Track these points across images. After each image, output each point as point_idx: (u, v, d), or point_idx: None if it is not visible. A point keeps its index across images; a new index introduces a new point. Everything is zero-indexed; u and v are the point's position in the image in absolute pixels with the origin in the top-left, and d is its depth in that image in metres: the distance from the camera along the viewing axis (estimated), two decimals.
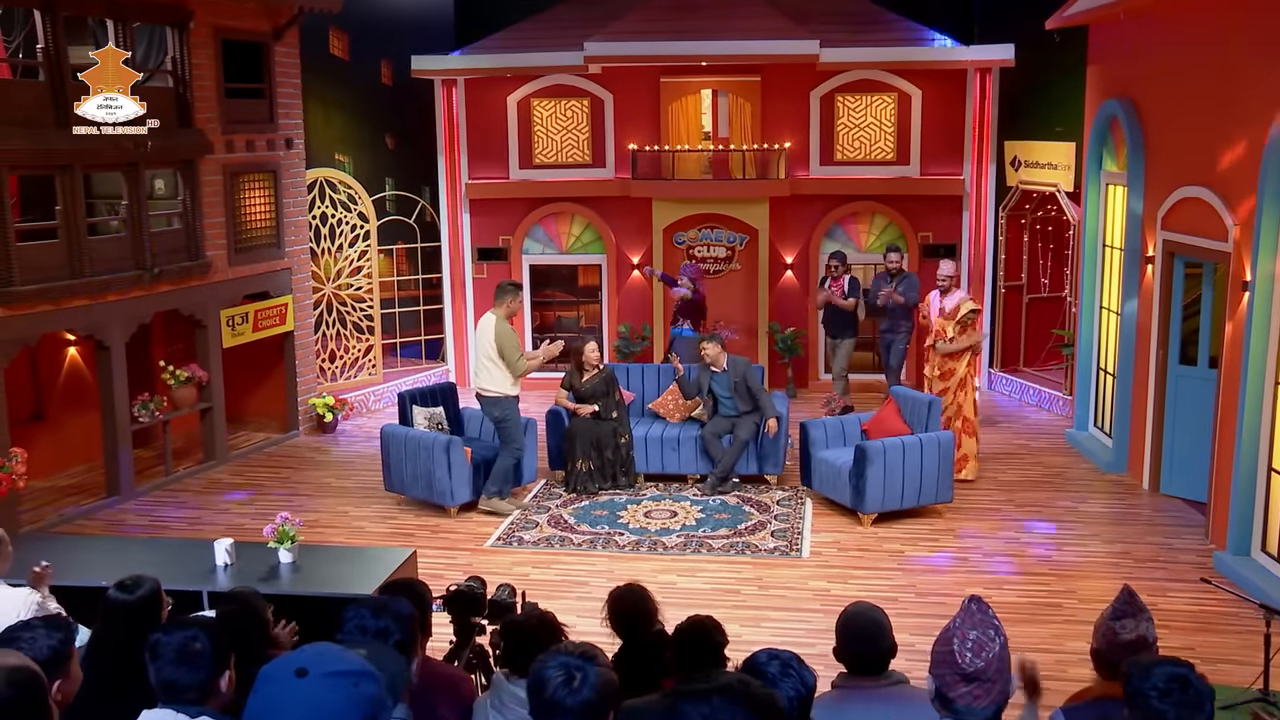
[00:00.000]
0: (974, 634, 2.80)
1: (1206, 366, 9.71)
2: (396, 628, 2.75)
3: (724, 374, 10.36)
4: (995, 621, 2.86)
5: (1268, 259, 8.06)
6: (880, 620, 3.75)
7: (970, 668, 2.75)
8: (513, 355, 9.61)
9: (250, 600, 4.14)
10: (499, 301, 9.81)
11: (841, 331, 12.63)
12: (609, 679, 2.67)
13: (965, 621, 2.84)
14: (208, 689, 2.82)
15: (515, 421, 9.78)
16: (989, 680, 2.76)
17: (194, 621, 2.87)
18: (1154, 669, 2.91)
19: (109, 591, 4.23)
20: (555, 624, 4.01)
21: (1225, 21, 8.80)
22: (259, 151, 11.67)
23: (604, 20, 13.75)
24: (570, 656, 2.68)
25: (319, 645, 2.11)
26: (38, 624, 3.24)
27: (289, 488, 10.76)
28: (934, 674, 2.86)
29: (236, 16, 11.24)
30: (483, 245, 14.50)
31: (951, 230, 13.86)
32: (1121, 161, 10.81)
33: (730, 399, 10.33)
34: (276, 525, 6.00)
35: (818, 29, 13.26)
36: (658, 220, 13.96)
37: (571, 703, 2.60)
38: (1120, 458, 10.69)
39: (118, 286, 10.10)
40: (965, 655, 2.77)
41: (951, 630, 2.85)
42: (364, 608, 2.78)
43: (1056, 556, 8.81)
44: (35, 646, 3.13)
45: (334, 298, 13.35)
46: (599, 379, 10.39)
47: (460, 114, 14.19)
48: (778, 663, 2.65)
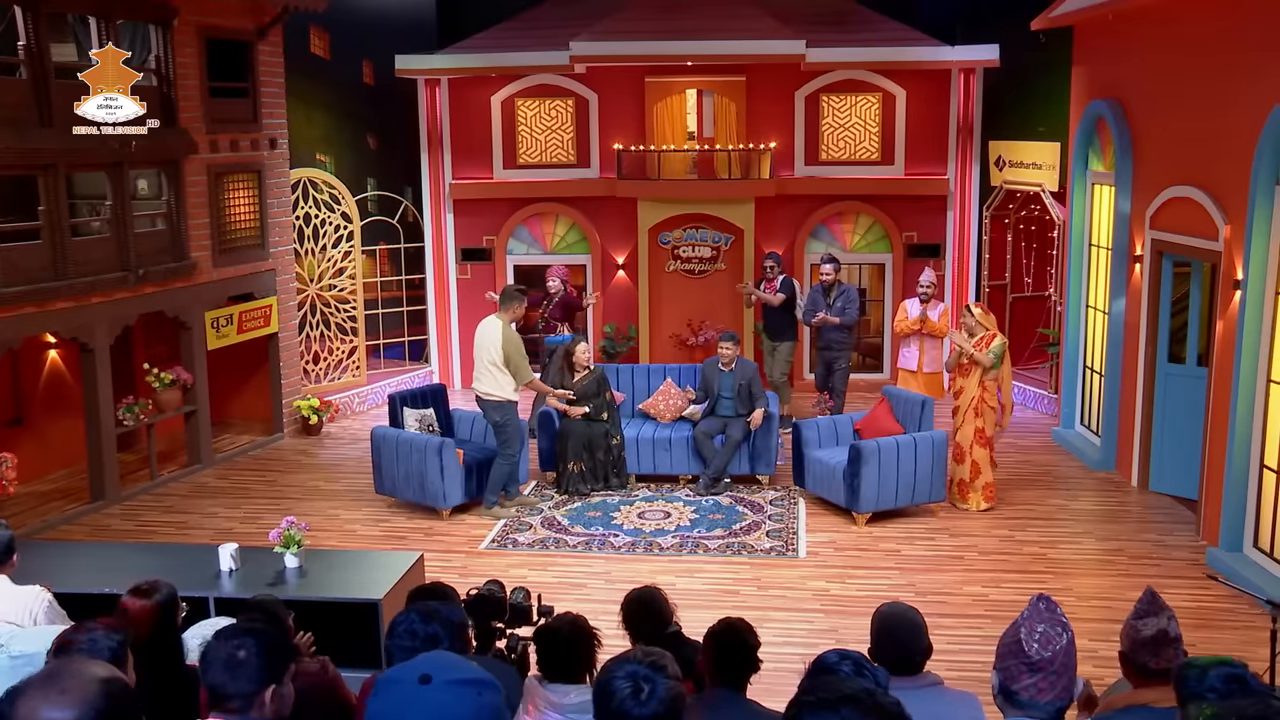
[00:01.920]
0: (1041, 627, 2.80)
1: (1195, 364, 9.79)
2: (446, 634, 2.71)
3: (730, 374, 10.36)
4: (1063, 619, 2.86)
5: (1260, 258, 8.12)
6: (917, 620, 3.72)
7: (1037, 657, 2.76)
8: (521, 364, 9.54)
9: (273, 609, 4.08)
10: (504, 306, 9.73)
11: (780, 334, 12.14)
12: (678, 691, 2.61)
13: (1033, 616, 2.84)
14: (253, 698, 2.75)
15: (514, 427, 9.71)
16: (1054, 673, 2.76)
17: (246, 629, 2.80)
18: (1209, 670, 2.90)
19: (124, 597, 4.16)
20: (589, 629, 3.97)
21: (1216, 23, 8.86)
22: (243, 151, 11.54)
23: (588, 20, 13.70)
24: (639, 666, 2.61)
25: (438, 653, 2.07)
26: (94, 626, 3.17)
27: (277, 491, 10.65)
28: (999, 667, 2.86)
29: (220, 15, 11.11)
30: (467, 246, 14.41)
31: (936, 230, 13.91)
32: (1108, 162, 10.87)
33: (731, 400, 10.32)
34: (282, 530, 5.91)
35: (802, 29, 13.28)
36: (643, 220, 13.92)
37: (639, 714, 2.54)
38: (1109, 455, 10.75)
39: (102, 288, 9.96)
40: (1032, 645, 2.77)
41: (1019, 624, 2.85)
42: (413, 614, 2.73)
43: (1052, 554, 8.85)
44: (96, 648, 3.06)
45: (318, 299, 13.23)
46: (590, 379, 10.34)
47: (444, 114, 14.10)
48: (849, 662, 2.63)
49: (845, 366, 11.74)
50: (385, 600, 5.51)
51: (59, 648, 3.25)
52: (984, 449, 9.67)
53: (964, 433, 9.70)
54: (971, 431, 9.66)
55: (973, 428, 9.66)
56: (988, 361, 9.53)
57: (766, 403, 10.32)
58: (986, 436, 9.66)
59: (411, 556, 6.01)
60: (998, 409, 9.75)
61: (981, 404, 9.63)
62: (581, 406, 10.23)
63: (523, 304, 9.95)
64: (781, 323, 12.18)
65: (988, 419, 9.66)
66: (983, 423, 9.64)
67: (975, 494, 9.73)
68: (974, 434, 9.66)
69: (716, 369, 10.47)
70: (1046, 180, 12.62)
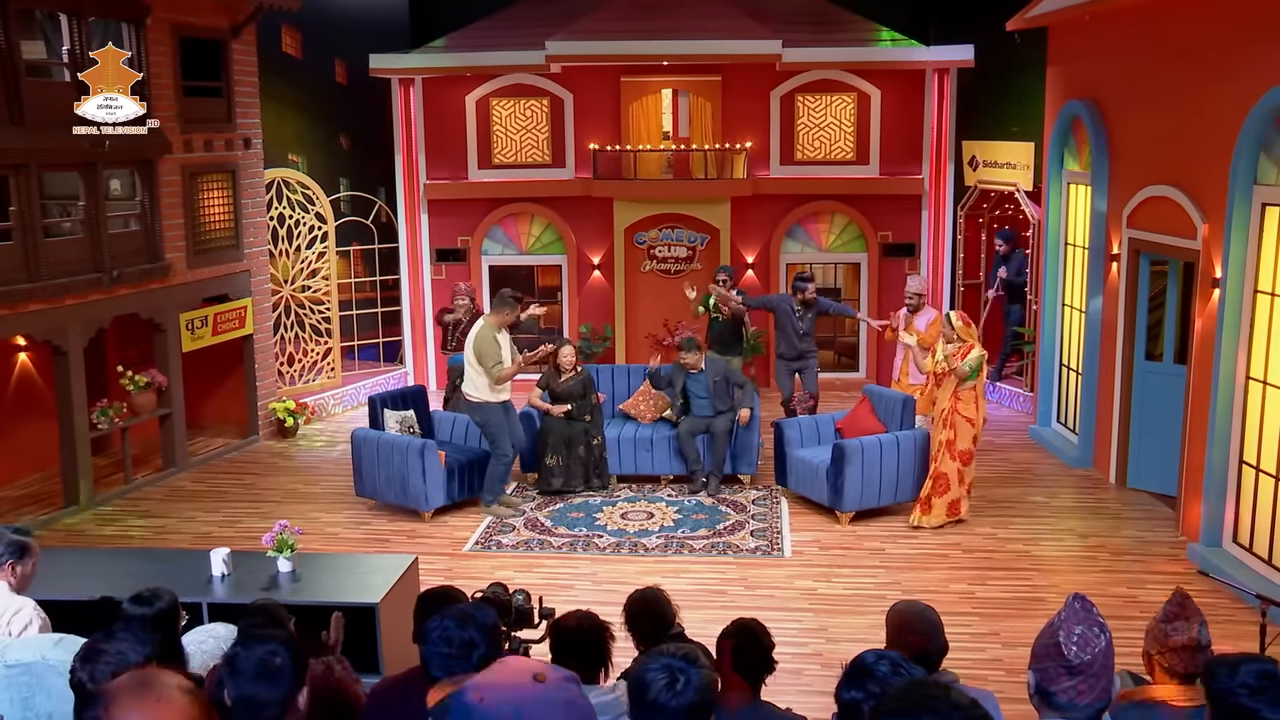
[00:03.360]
0: (1079, 629, 2.79)
1: (1172, 362, 9.89)
2: (482, 639, 2.67)
3: (701, 374, 10.31)
4: (1100, 619, 2.85)
5: (1238, 257, 8.21)
6: (934, 619, 3.73)
7: (1076, 660, 2.74)
8: (488, 362, 9.47)
9: (274, 612, 4.02)
10: (495, 310, 9.70)
11: (727, 348, 11.65)
12: (711, 679, 2.67)
13: (1070, 617, 2.82)
14: (287, 705, 2.71)
15: (498, 427, 9.64)
16: (1093, 675, 2.75)
17: (271, 635, 2.75)
18: (1241, 666, 2.91)
19: (125, 605, 4.09)
20: (603, 624, 3.95)
21: (1194, 24, 8.95)
22: (217, 151, 11.40)
23: (562, 19, 13.67)
24: (672, 659, 2.67)
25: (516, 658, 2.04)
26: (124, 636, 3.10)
27: (255, 495, 10.53)
28: (1036, 668, 2.84)
29: (194, 13, 10.98)
30: (441, 246, 14.33)
31: (911, 230, 13.99)
32: (1084, 161, 10.97)
33: (707, 399, 10.28)
34: (275, 533, 5.84)
35: (777, 29, 13.31)
36: (619, 220, 13.91)
37: (676, 705, 2.60)
38: (1086, 453, 10.85)
39: (76, 290, 9.82)
40: (1070, 648, 2.76)
41: (1056, 625, 2.84)
42: (448, 619, 2.69)
43: (1035, 551, 8.91)
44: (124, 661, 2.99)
45: (292, 300, 13.10)
46: (576, 381, 10.30)
47: (418, 114, 14.01)
48: (887, 662, 2.62)
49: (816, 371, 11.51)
50: (382, 604, 5.46)
51: (85, 656, 3.17)
52: (954, 461, 9.22)
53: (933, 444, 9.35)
54: (940, 443, 9.24)
55: (943, 439, 9.22)
56: (962, 372, 9.06)
57: (751, 392, 10.30)
58: (957, 449, 9.21)
59: (406, 560, 5.95)
60: (974, 422, 9.23)
61: (954, 415, 9.16)
62: (563, 405, 10.18)
63: (513, 310, 9.87)
64: (730, 336, 11.79)
65: (961, 431, 9.17)
66: (954, 434, 9.16)
67: (937, 510, 9.30)
68: (943, 445, 9.21)
69: (682, 371, 10.38)
70: (1021, 180, 12.72)
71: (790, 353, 11.33)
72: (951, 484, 9.29)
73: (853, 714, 2.62)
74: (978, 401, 9.23)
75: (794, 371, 11.44)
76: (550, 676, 2.03)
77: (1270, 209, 8.00)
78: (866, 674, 2.61)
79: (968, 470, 9.32)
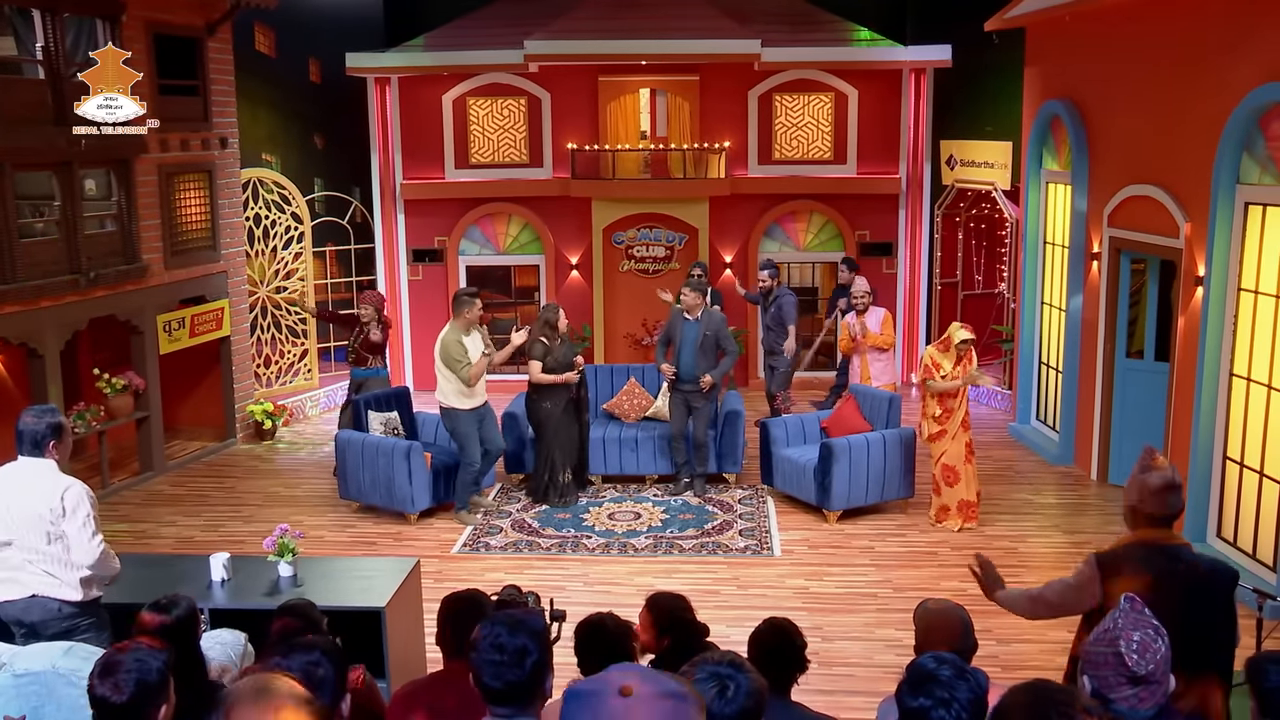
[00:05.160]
0: (1138, 635, 2.76)
1: (1154, 359, 9.99)
2: (535, 645, 2.63)
3: (695, 323, 9.87)
4: (1155, 621, 2.83)
5: (1222, 255, 8.31)
6: (965, 618, 3.73)
7: (1141, 670, 2.72)
8: (454, 366, 9.30)
9: (308, 613, 3.97)
10: (456, 313, 9.47)
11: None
12: (761, 685, 2.65)
13: (1126, 622, 2.80)
14: (330, 714, 2.66)
15: (466, 435, 9.44)
16: (1155, 682, 2.74)
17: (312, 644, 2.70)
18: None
19: (143, 612, 4.02)
20: (627, 622, 3.92)
21: (1176, 25, 9.04)
22: (194, 151, 11.25)
23: (539, 19, 13.61)
24: (720, 666, 2.65)
25: (630, 664, 2.00)
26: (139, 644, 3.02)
27: (236, 498, 10.40)
28: (1092, 675, 2.82)
29: (170, 10, 10.83)
30: (418, 246, 14.22)
31: (888, 229, 14.05)
32: (1063, 161, 11.06)
33: (693, 355, 9.82)
34: (276, 538, 5.75)
35: (755, 29, 13.32)
36: (597, 220, 13.86)
37: (728, 712, 2.57)
38: (1067, 450, 10.94)
39: (51, 291, 9.65)
40: (1132, 657, 2.73)
41: (1114, 631, 2.81)
42: (498, 626, 2.64)
43: (1022, 548, 8.97)
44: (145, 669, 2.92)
45: (268, 301, 12.96)
46: (570, 346, 9.93)
47: (394, 113, 13.89)
48: (948, 666, 2.60)
49: (786, 370, 11.51)
50: (389, 607, 5.39)
51: (105, 670, 3.09)
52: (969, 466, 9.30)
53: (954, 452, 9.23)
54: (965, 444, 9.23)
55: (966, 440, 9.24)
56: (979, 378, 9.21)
57: (729, 364, 10.01)
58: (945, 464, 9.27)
59: (408, 563, 5.88)
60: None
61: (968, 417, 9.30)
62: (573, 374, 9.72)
63: (474, 307, 9.48)
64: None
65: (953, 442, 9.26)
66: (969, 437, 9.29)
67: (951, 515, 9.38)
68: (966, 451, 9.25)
69: (681, 316, 9.98)
70: (998, 179, 12.81)
71: (764, 346, 11.37)
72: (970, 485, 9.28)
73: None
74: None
75: (771, 369, 11.47)
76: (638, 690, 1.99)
77: (1253, 208, 8.10)
78: (931, 679, 2.58)
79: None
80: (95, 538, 5.21)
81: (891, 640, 7.41)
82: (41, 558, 5.19)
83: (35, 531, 5.17)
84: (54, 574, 5.20)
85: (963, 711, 2.53)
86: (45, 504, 5.15)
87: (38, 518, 5.15)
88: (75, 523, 5.16)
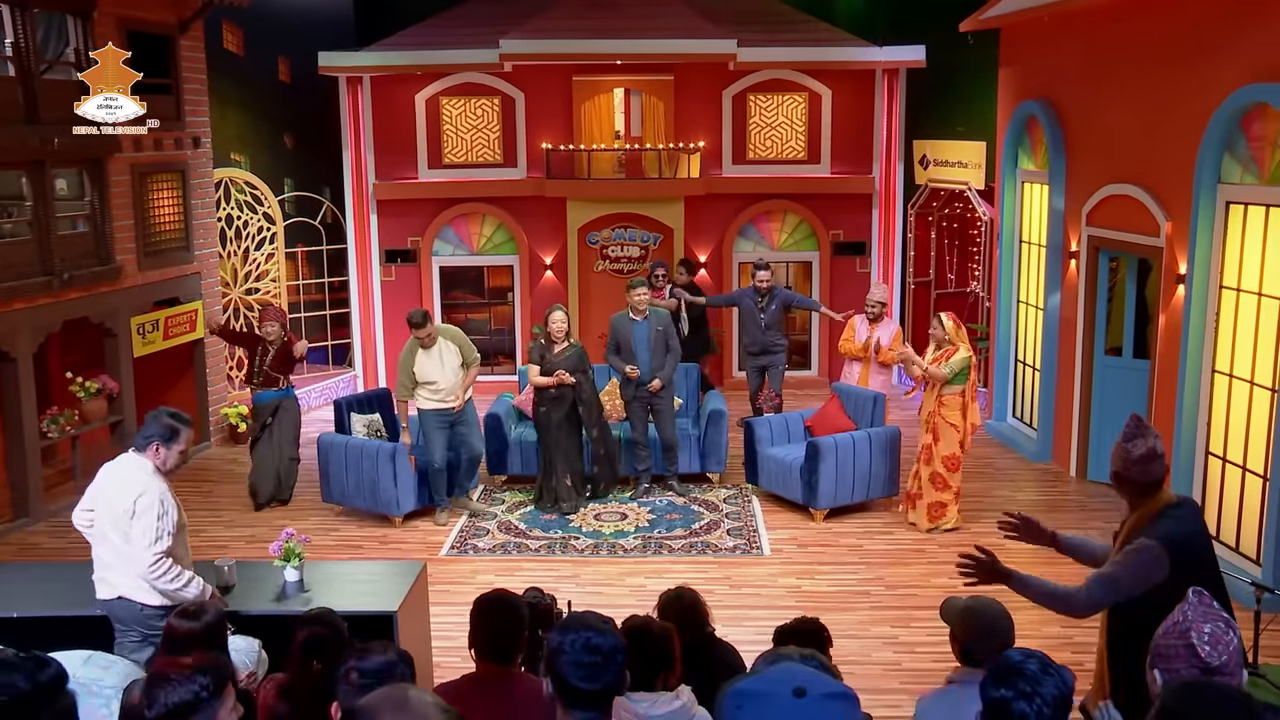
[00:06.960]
0: (1208, 627, 2.78)
1: (1132, 356, 10.11)
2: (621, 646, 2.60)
3: (644, 323, 9.84)
4: (1223, 612, 2.85)
5: (1204, 254, 8.43)
6: (1007, 615, 3.74)
7: (1214, 661, 2.73)
8: (403, 378, 9.48)
9: (334, 621, 3.91)
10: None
11: (689, 351, 11.39)
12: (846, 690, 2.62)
13: (1195, 614, 2.81)
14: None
15: (426, 435, 9.47)
16: (1229, 674, 2.75)
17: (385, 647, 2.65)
18: None
19: (171, 619, 3.96)
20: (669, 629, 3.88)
21: (1157, 26, 9.15)
22: (167, 150, 11.08)
23: (513, 18, 13.54)
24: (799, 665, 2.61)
25: (793, 666, 1.98)
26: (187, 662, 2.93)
27: (214, 503, 10.24)
28: (1164, 669, 2.82)
29: (142, 7, 10.66)
30: (391, 247, 14.09)
31: (862, 228, 14.12)
32: (1040, 160, 11.17)
33: (648, 354, 9.78)
34: (281, 542, 5.66)
35: (729, 29, 13.33)
36: (572, 220, 13.82)
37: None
38: (1045, 447, 11.05)
39: (24, 293, 9.46)
40: (1205, 649, 2.74)
41: (1184, 624, 2.82)
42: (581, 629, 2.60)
43: (1010, 545, 8.99)
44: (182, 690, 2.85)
45: (240, 302, 12.78)
46: (571, 354, 9.64)
47: (366, 113, 13.76)
48: (1036, 662, 2.60)
49: (783, 370, 11.49)
50: (400, 612, 5.32)
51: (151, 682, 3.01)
52: (928, 466, 9.09)
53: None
54: (921, 447, 9.17)
55: (923, 443, 9.13)
56: (941, 375, 8.87)
57: (674, 362, 9.90)
58: (941, 455, 9.04)
59: (415, 566, 5.81)
60: (960, 428, 9.04)
61: (937, 419, 9.01)
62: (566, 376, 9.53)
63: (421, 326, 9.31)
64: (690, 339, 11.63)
65: (946, 437, 9.01)
66: (934, 439, 9.02)
67: (919, 512, 9.28)
68: (922, 450, 9.18)
69: (627, 320, 9.88)
70: (972, 179, 12.91)
71: (754, 346, 11.30)
72: (925, 489, 9.18)
73: (1001, 713, 2.58)
74: (965, 407, 9.02)
75: (762, 369, 11.41)
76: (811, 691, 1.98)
77: (1234, 207, 8.23)
78: (1016, 672, 2.58)
79: (953, 477, 9.14)
80: (150, 549, 5.18)
81: (888, 637, 7.45)
82: (121, 558, 5.26)
83: (116, 529, 5.25)
84: (131, 576, 5.25)
85: (1045, 707, 2.53)
86: (122, 503, 5.22)
87: (119, 513, 5.22)
88: (138, 527, 5.16)
